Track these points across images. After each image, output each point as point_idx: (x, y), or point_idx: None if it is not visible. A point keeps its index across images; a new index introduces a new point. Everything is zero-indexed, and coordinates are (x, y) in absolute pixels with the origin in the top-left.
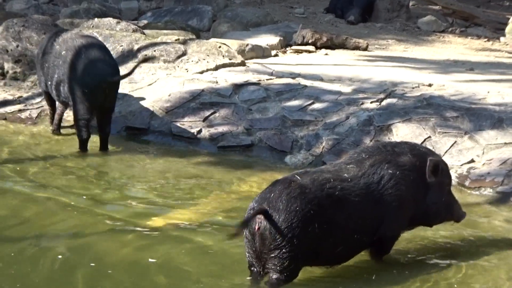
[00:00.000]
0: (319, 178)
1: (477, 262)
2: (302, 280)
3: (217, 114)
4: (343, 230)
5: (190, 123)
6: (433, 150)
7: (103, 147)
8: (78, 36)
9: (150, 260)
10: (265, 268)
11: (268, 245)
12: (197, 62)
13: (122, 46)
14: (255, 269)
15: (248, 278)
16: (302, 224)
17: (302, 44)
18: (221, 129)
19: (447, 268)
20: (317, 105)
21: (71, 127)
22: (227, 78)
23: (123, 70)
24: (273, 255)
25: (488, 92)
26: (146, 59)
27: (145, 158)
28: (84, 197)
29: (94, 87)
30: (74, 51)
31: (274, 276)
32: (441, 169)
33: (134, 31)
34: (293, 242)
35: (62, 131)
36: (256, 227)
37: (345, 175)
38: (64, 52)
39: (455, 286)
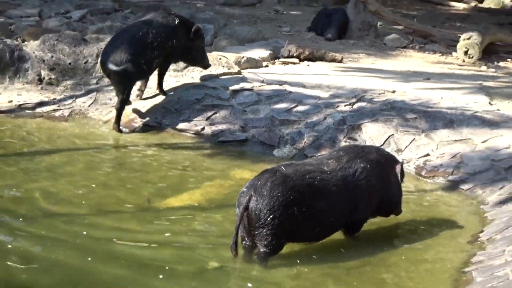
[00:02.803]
0: (301, 169)
1: (430, 239)
2: (285, 253)
3: (217, 115)
4: (322, 214)
5: (195, 122)
6: (396, 145)
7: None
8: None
9: (165, 234)
10: (254, 242)
11: (254, 224)
12: (201, 71)
13: None
14: (246, 243)
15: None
16: (283, 208)
17: (288, 57)
18: (221, 127)
19: (405, 242)
20: (300, 108)
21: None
22: (226, 85)
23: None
24: (258, 232)
25: (442, 97)
26: None
27: (158, 149)
28: (104, 180)
29: (102, 69)
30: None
31: (261, 250)
32: (402, 169)
33: None
34: (275, 223)
35: (91, 128)
36: (244, 209)
37: (325, 168)
38: None
39: (403, 257)
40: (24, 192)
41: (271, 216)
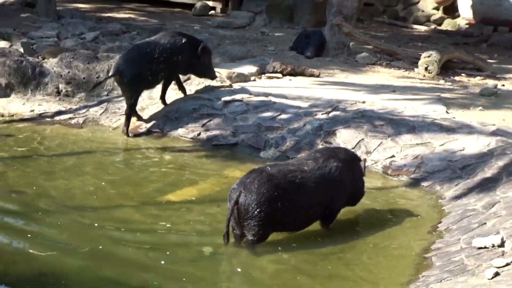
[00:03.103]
0: (284, 169)
1: (395, 229)
2: (270, 241)
3: (212, 122)
4: (302, 207)
5: (192, 128)
6: (366, 148)
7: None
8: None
9: (167, 225)
10: (243, 232)
11: (243, 216)
12: (198, 84)
13: None
14: (236, 232)
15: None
16: (268, 202)
17: (273, 72)
18: (214, 132)
19: (373, 232)
20: (283, 116)
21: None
22: (219, 96)
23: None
24: (246, 223)
25: (405, 107)
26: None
27: (160, 152)
28: (113, 178)
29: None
30: None
31: (249, 238)
32: (365, 165)
33: None
34: (261, 215)
35: (102, 134)
36: (234, 203)
37: (305, 167)
38: None
39: (370, 245)
40: (42, 189)
41: (258, 210)
